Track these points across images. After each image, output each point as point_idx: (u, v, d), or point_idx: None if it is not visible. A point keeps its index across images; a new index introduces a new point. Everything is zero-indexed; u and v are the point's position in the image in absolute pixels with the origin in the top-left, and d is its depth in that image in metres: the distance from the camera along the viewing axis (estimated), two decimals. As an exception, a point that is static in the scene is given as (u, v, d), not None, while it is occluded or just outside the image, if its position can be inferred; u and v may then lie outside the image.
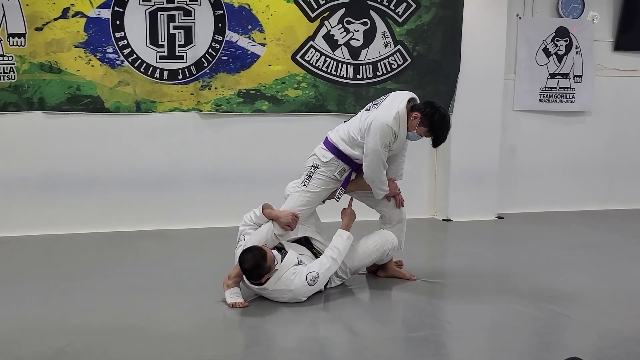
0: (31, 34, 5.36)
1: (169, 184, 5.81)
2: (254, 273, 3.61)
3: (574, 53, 6.68)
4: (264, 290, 3.70)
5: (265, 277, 3.63)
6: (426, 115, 3.85)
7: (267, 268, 3.60)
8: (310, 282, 3.68)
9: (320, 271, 3.72)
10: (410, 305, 3.69)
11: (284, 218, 3.91)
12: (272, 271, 3.64)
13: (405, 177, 6.43)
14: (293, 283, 3.65)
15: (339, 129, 4.14)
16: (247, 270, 3.63)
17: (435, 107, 3.90)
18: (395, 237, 4.11)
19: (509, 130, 6.59)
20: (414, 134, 3.94)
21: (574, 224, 6.25)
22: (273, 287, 3.66)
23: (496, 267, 4.76)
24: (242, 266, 3.62)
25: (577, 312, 3.64)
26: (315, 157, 4.10)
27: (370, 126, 3.86)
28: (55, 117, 5.56)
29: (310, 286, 3.69)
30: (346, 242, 3.88)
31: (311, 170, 4.06)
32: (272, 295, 3.71)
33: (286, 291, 3.66)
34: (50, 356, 2.95)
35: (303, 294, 3.69)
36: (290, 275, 3.68)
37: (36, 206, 5.56)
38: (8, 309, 3.62)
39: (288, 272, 3.68)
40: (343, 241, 3.87)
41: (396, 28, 6.05)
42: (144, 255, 4.89)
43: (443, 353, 3.12)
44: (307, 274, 3.69)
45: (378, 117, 3.86)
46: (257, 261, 3.58)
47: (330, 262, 3.77)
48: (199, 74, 5.70)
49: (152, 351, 3.03)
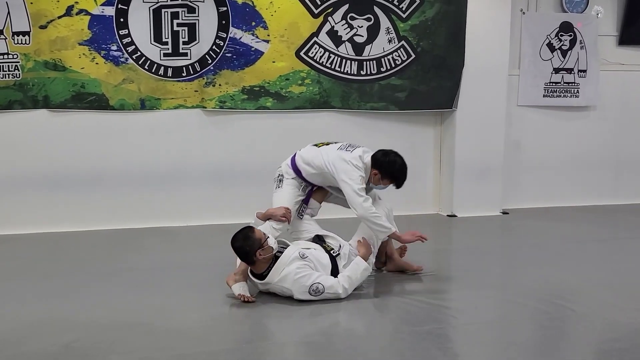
0: (36, 32, 5.38)
1: (173, 181, 5.83)
2: (245, 247, 3.60)
3: (578, 48, 6.67)
4: (267, 285, 3.71)
5: (259, 258, 3.61)
6: (385, 171, 4.04)
7: (256, 241, 3.60)
8: (312, 292, 3.64)
9: (326, 289, 3.66)
10: (415, 299, 3.69)
11: (278, 211, 4.01)
12: (266, 252, 3.62)
13: (410, 173, 6.45)
14: (296, 283, 3.62)
15: (307, 152, 4.20)
16: (238, 248, 3.64)
17: (390, 160, 4.07)
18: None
19: (513, 126, 6.59)
20: (378, 186, 4.15)
21: (578, 218, 6.25)
22: (277, 281, 3.66)
23: (501, 262, 4.76)
24: (234, 245, 3.66)
25: (582, 306, 3.64)
26: (282, 169, 4.25)
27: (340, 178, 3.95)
28: (60, 115, 5.58)
29: (309, 294, 3.65)
30: (362, 274, 3.79)
31: (279, 180, 4.23)
32: (275, 288, 3.71)
33: (287, 289, 3.65)
34: (56, 352, 2.96)
35: (301, 296, 3.65)
36: (296, 271, 3.64)
37: (42, 204, 5.59)
38: (14, 305, 3.64)
39: (293, 267, 3.64)
40: (359, 271, 3.79)
41: (400, 24, 6.04)
42: (149, 252, 4.90)
43: (448, 347, 3.12)
44: (314, 283, 3.64)
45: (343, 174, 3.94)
46: (245, 234, 3.63)
47: (340, 290, 3.69)
48: (203, 71, 5.71)
49: (158, 346, 3.04)
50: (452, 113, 6.30)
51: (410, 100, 6.18)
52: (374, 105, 6.14)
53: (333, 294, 3.67)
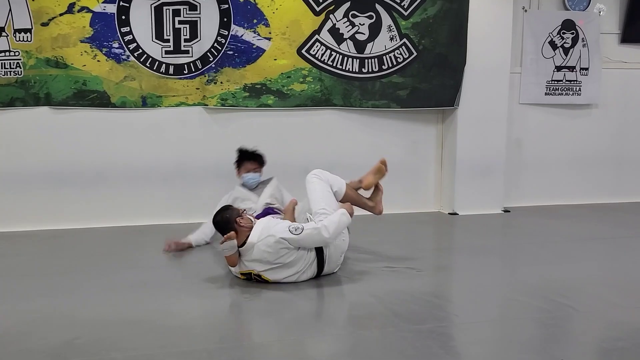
0: (37, 29, 5.38)
1: (175, 178, 5.84)
2: (225, 215, 3.89)
3: (580, 46, 6.66)
4: (250, 250, 3.80)
5: (240, 224, 3.83)
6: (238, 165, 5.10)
7: (235, 210, 3.96)
8: (292, 230, 3.80)
9: (306, 227, 3.84)
10: (416, 297, 3.69)
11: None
12: (245, 220, 3.87)
13: (411, 171, 6.49)
14: (275, 228, 3.82)
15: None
16: (218, 221, 3.93)
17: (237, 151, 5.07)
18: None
19: (515, 124, 6.59)
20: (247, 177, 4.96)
21: (580, 216, 6.25)
22: (259, 236, 3.80)
23: (502, 260, 4.76)
24: (215, 220, 3.97)
25: (584, 304, 3.63)
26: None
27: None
28: (61, 112, 5.58)
29: (290, 232, 3.80)
30: (340, 217, 3.94)
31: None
32: (260, 251, 3.78)
33: (270, 237, 3.78)
34: (59, 348, 2.96)
35: (282, 234, 3.78)
36: (273, 222, 3.95)
37: (43, 201, 5.60)
38: (17, 302, 3.65)
39: (270, 220, 3.96)
40: (337, 215, 3.96)
41: (402, 21, 6.04)
42: (150, 249, 4.90)
43: (450, 345, 3.12)
44: (290, 225, 3.87)
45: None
46: (223, 208, 4.04)
47: (319, 226, 3.83)
48: (205, 68, 5.71)
49: (160, 343, 3.04)
50: (453, 111, 6.30)
51: (411, 98, 6.18)
52: (376, 103, 6.13)
53: (314, 230, 3.81)
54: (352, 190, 4.43)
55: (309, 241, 3.84)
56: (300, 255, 3.86)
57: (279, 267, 3.84)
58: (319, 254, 3.93)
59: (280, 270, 3.85)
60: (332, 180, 4.32)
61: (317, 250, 3.93)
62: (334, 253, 4.03)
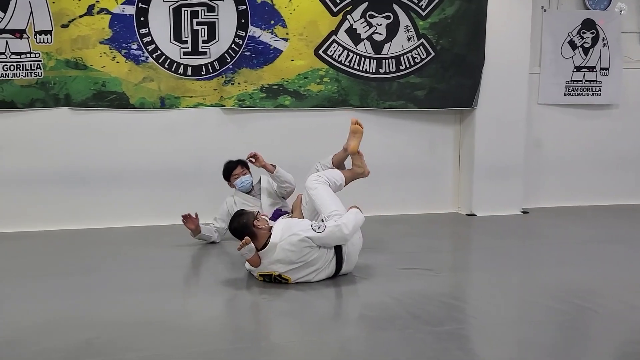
0: (57, 30, 5.43)
1: (192, 178, 5.86)
2: (241, 221, 3.90)
3: (600, 45, 6.59)
4: (272, 251, 3.80)
5: (258, 227, 3.85)
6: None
7: (250, 214, 3.94)
8: (316, 228, 3.86)
9: (327, 225, 3.90)
10: (434, 299, 3.67)
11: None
12: (262, 222, 3.90)
13: (429, 172, 6.46)
14: (297, 227, 3.87)
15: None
16: (235, 228, 3.93)
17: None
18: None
19: (533, 124, 6.53)
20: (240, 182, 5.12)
21: (600, 218, 6.18)
22: (281, 236, 3.81)
23: (521, 262, 4.71)
24: (231, 227, 3.98)
25: (603, 307, 3.58)
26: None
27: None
28: (81, 113, 5.62)
29: (314, 231, 3.83)
30: (355, 215, 4.03)
31: None
32: (283, 251, 3.79)
33: (293, 236, 3.81)
34: (78, 347, 2.99)
35: (306, 233, 3.82)
36: (293, 221, 4.03)
37: (62, 201, 5.65)
38: (35, 302, 3.68)
39: (290, 220, 4.07)
40: (352, 213, 4.05)
41: (419, 21, 6.01)
42: (167, 250, 4.92)
43: (468, 347, 3.10)
44: (312, 223, 3.95)
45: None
46: (237, 214, 4.02)
47: (339, 223, 3.90)
48: (222, 69, 5.73)
49: (176, 343, 3.05)
50: (471, 111, 6.26)
51: (429, 99, 6.15)
52: (393, 104, 6.11)
53: (335, 227, 3.87)
54: (346, 172, 4.64)
55: (332, 238, 3.89)
56: (321, 254, 3.89)
57: (301, 265, 3.84)
58: (338, 253, 3.94)
59: (301, 269, 3.86)
60: (331, 177, 4.45)
61: (336, 249, 3.95)
62: (353, 252, 4.05)
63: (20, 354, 2.93)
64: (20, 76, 5.42)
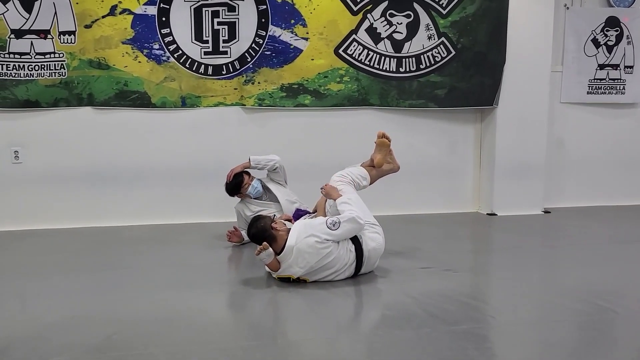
0: (81, 31, 5.51)
1: (213, 177, 5.87)
2: (259, 225, 3.89)
3: (625, 43, 6.51)
4: (290, 254, 3.80)
5: (276, 229, 3.85)
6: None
7: (267, 217, 4.00)
8: (330, 225, 3.84)
9: (342, 220, 3.88)
10: (453, 298, 3.66)
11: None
12: (279, 224, 3.90)
13: (449, 171, 6.44)
14: (314, 228, 3.85)
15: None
16: (254, 233, 3.91)
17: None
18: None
19: (556, 123, 6.47)
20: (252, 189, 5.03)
21: (622, 218, 6.10)
22: (297, 239, 3.81)
23: (541, 262, 4.68)
24: (250, 233, 3.96)
25: (624, 308, 3.54)
26: None
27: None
28: (103, 113, 5.70)
29: (330, 229, 3.82)
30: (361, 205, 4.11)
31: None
32: (301, 252, 3.79)
33: (311, 237, 3.80)
34: (99, 343, 3.03)
35: (323, 234, 3.81)
36: (309, 222, 3.98)
37: (85, 199, 5.73)
38: (59, 298, 3.74)
39: (306, 222, 4.00)
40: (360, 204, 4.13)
41: (440, 20, 5.99)
42: (189, 248, 4.97)
43: (486, 347, 3.09)
44: (327, 220, 3.91)
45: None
46: (254, 219, 4.03)
47: (353, 215, 3.89)
48: (243, 68, 5.77)
49: (197, 340, 3.08)
50: (492, 110, 6.22)
51: (449, 98, 6.13)
52: (413, 103, 6.10)
53: (349, 220, 3.87)
54: (372, 170, 4.59)
55: (349, 230, 3.90)
56: (339, 256, 3.88)
57: (319, 268, 3.86)
58: (358, 258, 3.95)
59: (319, 272, 3.87)
60: (356, 176, 4.42)
61: (357, 253, 3.95)
62: (374, 256, 4.05)
63: (43, 348, 2.98)
64: (45, 76, 5.51)
